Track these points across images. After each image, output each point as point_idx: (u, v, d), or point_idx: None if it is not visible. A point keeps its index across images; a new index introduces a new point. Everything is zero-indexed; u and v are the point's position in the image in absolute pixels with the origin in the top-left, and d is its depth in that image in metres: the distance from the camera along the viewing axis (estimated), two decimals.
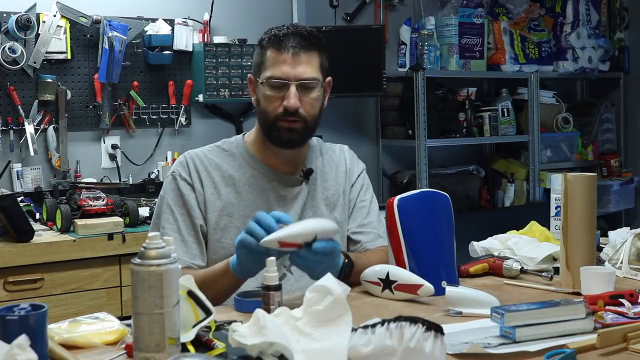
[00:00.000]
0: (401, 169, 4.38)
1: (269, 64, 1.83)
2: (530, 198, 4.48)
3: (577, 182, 1.78)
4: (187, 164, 1.89)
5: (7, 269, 2.82)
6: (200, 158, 1.90)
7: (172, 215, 1.86)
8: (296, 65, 1.80)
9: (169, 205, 1.87)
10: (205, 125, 3.88)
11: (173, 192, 1.88)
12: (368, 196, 2.02)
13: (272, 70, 1.81)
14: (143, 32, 3.62)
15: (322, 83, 1.86)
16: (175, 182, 1.88)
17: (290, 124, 1.82)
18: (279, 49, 1.81)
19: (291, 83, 1.80)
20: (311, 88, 1.83)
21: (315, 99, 1.84)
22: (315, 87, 1.84)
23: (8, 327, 1.18)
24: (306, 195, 1.93)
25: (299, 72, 1.80)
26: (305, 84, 1.81)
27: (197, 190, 1.87)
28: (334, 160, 2.01)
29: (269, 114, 1.84)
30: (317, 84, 1.84)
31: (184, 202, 1.86)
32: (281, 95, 1.81)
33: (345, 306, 1.30)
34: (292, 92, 1.80)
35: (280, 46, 1.81)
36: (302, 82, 1.81)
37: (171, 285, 1.24)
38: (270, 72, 1.82)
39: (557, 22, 4.71)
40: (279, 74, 1.81)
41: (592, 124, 4.88)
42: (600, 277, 1.70)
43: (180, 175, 1.88)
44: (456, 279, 1.78)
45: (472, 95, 4.37)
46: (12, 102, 3.36)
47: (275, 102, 1.82)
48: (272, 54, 1.82)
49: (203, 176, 1.88)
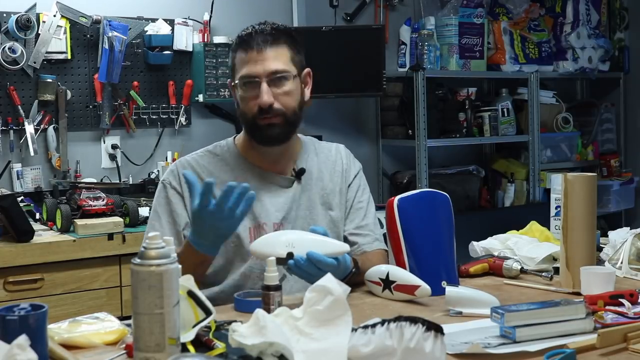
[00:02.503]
0: (401, 169, 4.38)
1: (238, 66, 1.87)
2: (530, 198, 4.48)
3: (577, 182, 1.78)
4: (178, 174, 1.90)
5: (7, 269, 2.82)
6: (192, 166, 1.92)
7: (159, 222, 1.88)
8: (263, 61, 1.83)
9: (157, 212, 1.90)
10: (205, 125, 3.88)
11: (162, 200, 1.90)
12: (365, 197, 2.02)
13: (242, 70, 1.85)
14: (143, 32, 3.62)
15: (296, 75, 1.88)
16: (165, 191, 1.90)
17: (268, 120, 1.84)
18: (245, 49, 1.85)
19: (261, 80, 1.82)
20: (283, 80, 1.85)
21: (289, 92, 1.86)
22: (288, 79, 1.85)
23: (8, 327, 1.18)
24: (300, 195, 1.93)
25: (266, 67, 1.83)
26: (276, 78, 1.83)
27: (187, 198, 1.87)
28: (329, 160, 2.01)
29: (247, 114, 1.87)
30: (288, 75, 1.85)
31: (171, 211, 1.88)
32: (255, 94, 1.84)
33: (345, 306, 1.30)
34: (263, 88, 1.83)
35: (246, 46, 1.85)
36: (272, 76, 1.83)
37: (171, 285, 1.24)
38: (240, 73, 1.85)
39: (557, 22, 4.71)
40: (247, 72, 1.84)
41: (592, 124, 4.88)
42: (600, 277, 1.70)
43: (171, 184, 1.91)
44: (456, 279, 1.78)
45: (472, 95, 4.37)
46: (12, 102, 3.36)
47: (251, 101, 1.85)
48: (240, 55, 1.87)
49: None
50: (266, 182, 1.91)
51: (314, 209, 1.94)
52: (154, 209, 1.91)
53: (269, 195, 1.91)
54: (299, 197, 1.93)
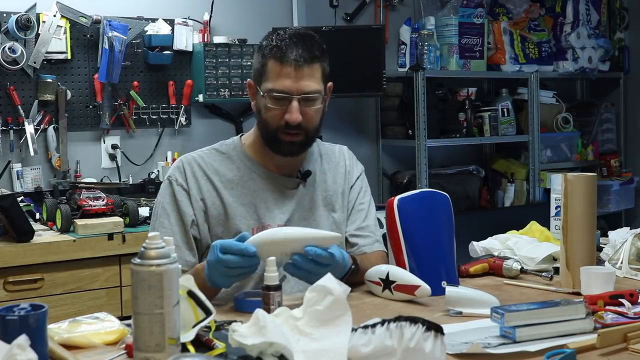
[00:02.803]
0: (401, 169, 4.38)
1: (270, 75, 1.80)
2: (530, 198, 4.48)
3: (577, 182, 1.78)
4: (184, 170, 1.89)
5: (7, 269, 2.82)
6: (198, 163, 1.90)
7: (168, 220, 1.86)
8: (299, 80, 1.78)
9: (165, 210, 1.87)
10: (205, 125, 3.88)
11: (169, 197, 1.88)
12: (367, 199, 2.02)
13: (274, 83, 1.79)
14: (143, 32, 3.62)
15: (325, 94, 1.85)
16: (172, 187, 1.88)
17: (291, 137, 1.82)
18: (282, 62, 1.78)
19: (294, 97, 1.78)
20: (313, 100, 1.82)
21: (317, 111, 1.83)
22: (318, 99, 1.83)
23: (8, 327, 1.18)
24: (304, 196, 1.93)
25: (301, 86, 1.78)
26: (308, 97, 1.80)
27: (193, 196, 1.86)
28: (333, 161, 2.01)
29: (270, 125, 1.83)
30: (319, 96, 1.83)
31: (178, 208, 1.86)
32: (283, 108, 1.80)
33: (345, 306, 1.30)
34: (294, 106, 1.78)
35: (282, 59, 1.78)
36: (305, 95, 1.79)
37: (171, 285, 1.24)
38: (271, 85, 1.79)
39: (557, 22, 4.71)
40: (281, 88, 1.78)
41: (592, 124, 4.88)
42: (600, 277, 1.70)
43: (177, 180, 1.88)
44: (456, 279, 1.78)
45: (472, 95, 4.37)
46: (12, 102, 3.36)
47: (277, 114, 1.81)
48: (273, 65, 1.79)
49: (202, 182, 1.87)
50: (272, 183, 1.91)
51: (317, 210, 1.93)
52: (161, 205, 1.88)
53: (274, 196, 1.90)
54: (302, 199, 1.93)
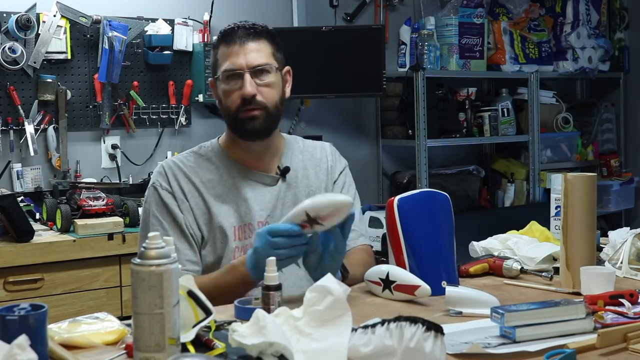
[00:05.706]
0: (401, 169, 4.38)
1: (221, 60, 1.89)
2: (530, 198, 4.48)
3: (577, 182, 1.78)
4: (166, 174, 1.91)
5: (7, 269, 2.82)
6: (178, 165, 1.92)
7: (161, 226, 1.87)
8: (246, 54, 1.86)
9: (156, 216, 1.89)
10: (205, 125, 3.88)
11: (157, 203, 1.90)
12: (351, 193, 2.03)
13: (225, 64, 1.88)
14: (143, 32, 3.62)
15: (278, 69, 1.90)
16: (157, 193, 1.90)
17: (250, 112, 1.86)
18: (228, 43, 1.88)
19: (244, 71, 1.85)
20: (265, 73, 1.87)
21: (271, 84, 1.89)
22: (270, 71, 1.88)
23: (8, 327, 1.18)
24: (285, 193, 1.94)
25: (249, 59, 1.86)
26: (258, 70, 1.86)
27: (178, 198, 1.88)
28: (315, 158, 2.03)
29: (229, 108, 1.89)
30: (270, 68, 1.88)
31: (169, 211, 1.88)
32: (238, 87, 1.86)
33: (345, 306, 1.30)
34: (246, 79, 1.85)
35: (229, 40, 1.88)
36: (255, 68, 1.86)
37: (171, 285, 1.24)
38: (223, 67, 1.88)
39: (557, 22, 4.71)
40: (231, 66, 1.86)
41: (592, 124, 4.88)
42: (600, 277, 1.70)
43: (161, 185, 1.90)
44: (456, 279, 1.78)
45: (472, 95, 4.37)
46: (12, 102, 3.36)
47: (234, 94, 1.87)
48: (222, 50, 1.90)
49: (183, 183, 1.90)
50: (250, 179, 1.93)
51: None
52: (151, 214, 1.89)
53: (254, 193, 1.91)
54: (284, 195, 1.94)
